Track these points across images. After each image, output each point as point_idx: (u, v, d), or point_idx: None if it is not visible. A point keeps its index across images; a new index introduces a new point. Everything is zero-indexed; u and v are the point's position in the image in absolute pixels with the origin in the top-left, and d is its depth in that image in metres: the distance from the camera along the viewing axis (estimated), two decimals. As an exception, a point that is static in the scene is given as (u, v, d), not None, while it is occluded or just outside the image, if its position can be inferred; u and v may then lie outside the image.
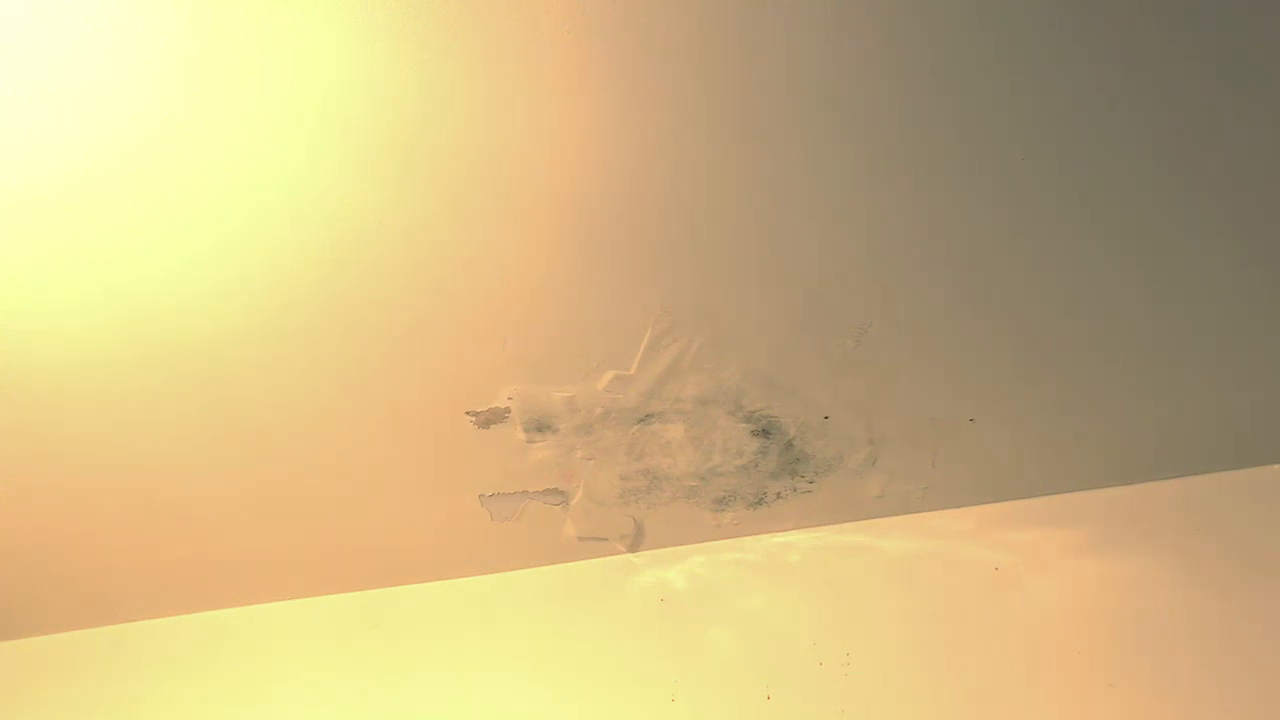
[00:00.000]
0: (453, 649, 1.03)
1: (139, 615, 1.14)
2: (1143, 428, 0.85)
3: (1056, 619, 0.86)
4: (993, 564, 0.90)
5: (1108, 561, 0.87)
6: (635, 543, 1.01)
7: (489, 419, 0.85)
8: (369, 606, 1.08)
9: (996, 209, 0.67)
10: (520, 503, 0.95)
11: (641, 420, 0.85)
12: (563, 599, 1.02)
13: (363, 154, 0.64)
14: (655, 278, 0.73)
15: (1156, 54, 0.58)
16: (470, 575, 1.06)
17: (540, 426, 0.86)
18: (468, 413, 0.85)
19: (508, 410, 0.84)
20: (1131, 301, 0.74)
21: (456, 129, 0.62)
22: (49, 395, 0.84)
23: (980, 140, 0.63)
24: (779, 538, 0.98)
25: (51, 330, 0.78)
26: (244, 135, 0.63)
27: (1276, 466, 0.87)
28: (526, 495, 0.94)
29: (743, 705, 0.91)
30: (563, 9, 0.56)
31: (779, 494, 0.93)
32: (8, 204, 0.67)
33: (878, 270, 0.72)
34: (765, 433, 0.86)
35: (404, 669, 1.03)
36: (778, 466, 0.90)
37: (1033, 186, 0.65)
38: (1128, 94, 0.60)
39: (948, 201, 0.67)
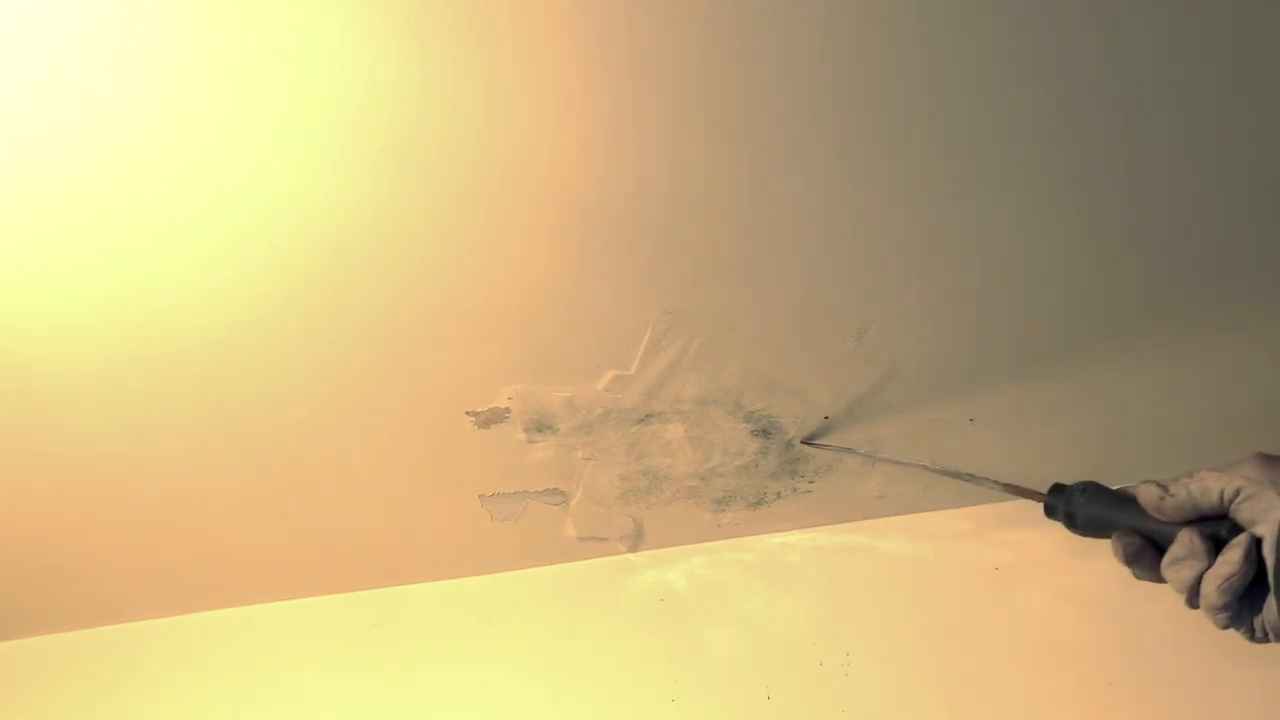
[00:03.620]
0: (452, 649, 1.03)
1: (139, 615, 1.14)
2: (1142, 428, 0.85)
3: (1056, 619, 0.86)
4: (993, 564, 0.90)
5: (1108, 561, 0.87)
6: (635, 543, 1.01)
7: (489, 419, 0.85)
8: (368, 606, 1.08)
9: (997, 209, 0.67)
10: (520, 503, 0.95)
11: (641, 420, 0.85)
12: (563, 599, 1.02)
13: (363, 154, 0.64)
14: (655, 278, 0.73)
15: (1156, 50, 0.58)
16: (470, 575, 1.06)
17: (540, 426, 0.86)
18: (468, 413, 0.85)
19: (508, 410, 0.84)
20: (1132, 301, 0.74)
21: (457, 128, 0.62)
22: (48, 395, 0.84)
23: (981, 140, 0.63)
24: (779, 538, 0.98)
25: (50, 330, 0.78)
26: (244, 135, 0.63)
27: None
28: (526, 495, 0.94)
29: (743, 705, 0.91)
30: (564, 9, 0.56)
31: (779, 494, 0.93)
32: (7, 204, 0.67)
33: (878, 270, 0.72)
34: (765, 433, 0.86)
35: (403, 669, 1.03)
36: (778, 466, 0.90)
37: (1033, 186, 0.65)
38: (1127, 92, 0.60)
39: (948, 201, 0.67)
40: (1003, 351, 0.78)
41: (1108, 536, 0.66)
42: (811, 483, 0.92)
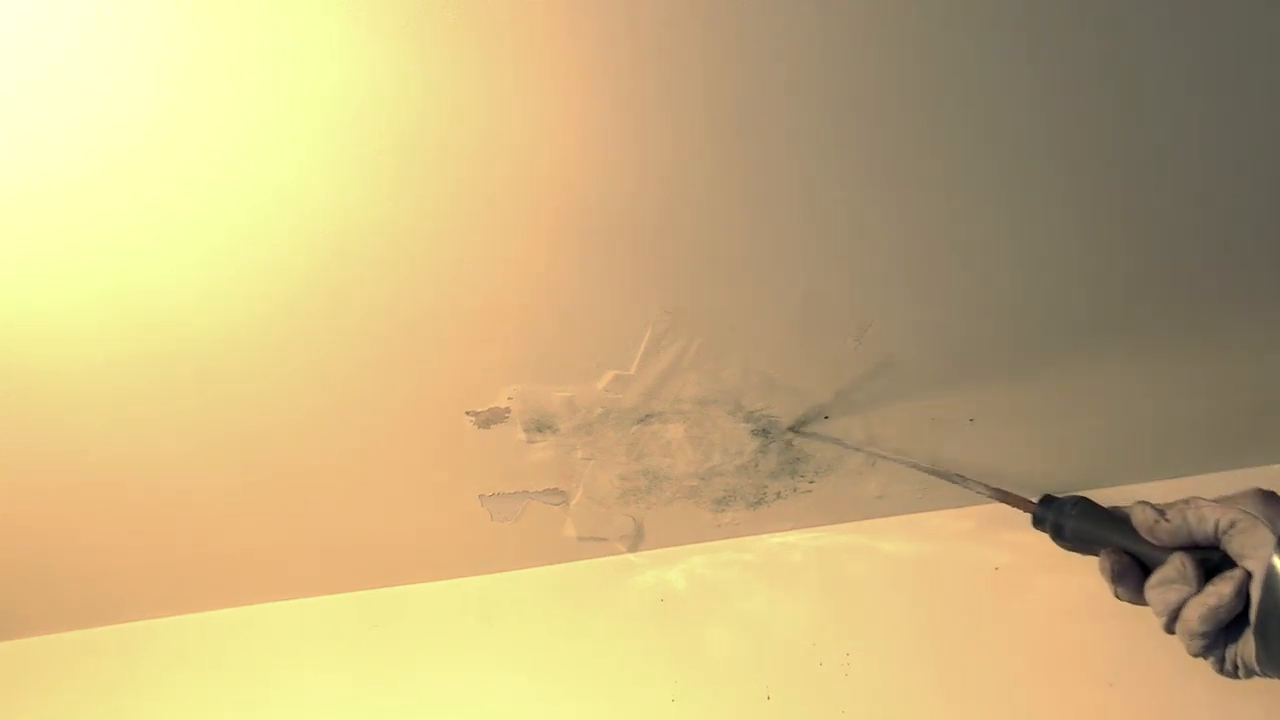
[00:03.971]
0: (452, 649, 1.03)
1: (139, 615, 1.14)
2: (1142, 427, 0.85)
3: (1056, 619, 0.86)
4: (993, 564, 0.90)
5: (1107, 561, 0.87)
6: (635, 543, 1.01)
7: (489, 419, 0.85)
8: (368, 606, 1.08)
9: (998, 209, 0.67)
10: (520, 503, 0.95)
11: (641, 420, 0.85)
12: (563, 599, 1.02)
13: (363, 154, 0.64)
14: (655, 278, 0.73)
15: (1156, 51, 0.58)
16: (470, 575, 1.06)
17: (540, 426, 0.86)
18: (468, 413, 0.85)
19: (508, 410, 0.84)
20: (1134, 301, 0.74)
21: (457, 128, 0.62)
22: (48, 395, 0.84)
23: (981, 139, 0.63)
24: (779, 538, 0.98)
25: (50, 330, 0.78)
26: (244, 135, 0.63)
27: (1276, 467, 0.87)
28: (526, 495, 0.94)
29: (743, 705, 0.91)
30: (564, 9, 0.56)
31: (779, 494, 0.93)
32: (7, 204, 0.67)
33: (878, 270, 0.72)
34: (765, 433, 0.86)
35: (403, 669, 1.03)
36: (778, 466, 0.90)
37: (1034, 185, 0.65)
38: (1127, 92, 0.60)
39: (949, 201, 0.67)
40: (1004, 352, 0.78)
41: (1093, 553, 0.67)
42: (811, 483, 0.92)
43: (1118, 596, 0.65)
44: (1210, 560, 0.60)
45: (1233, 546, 0.58)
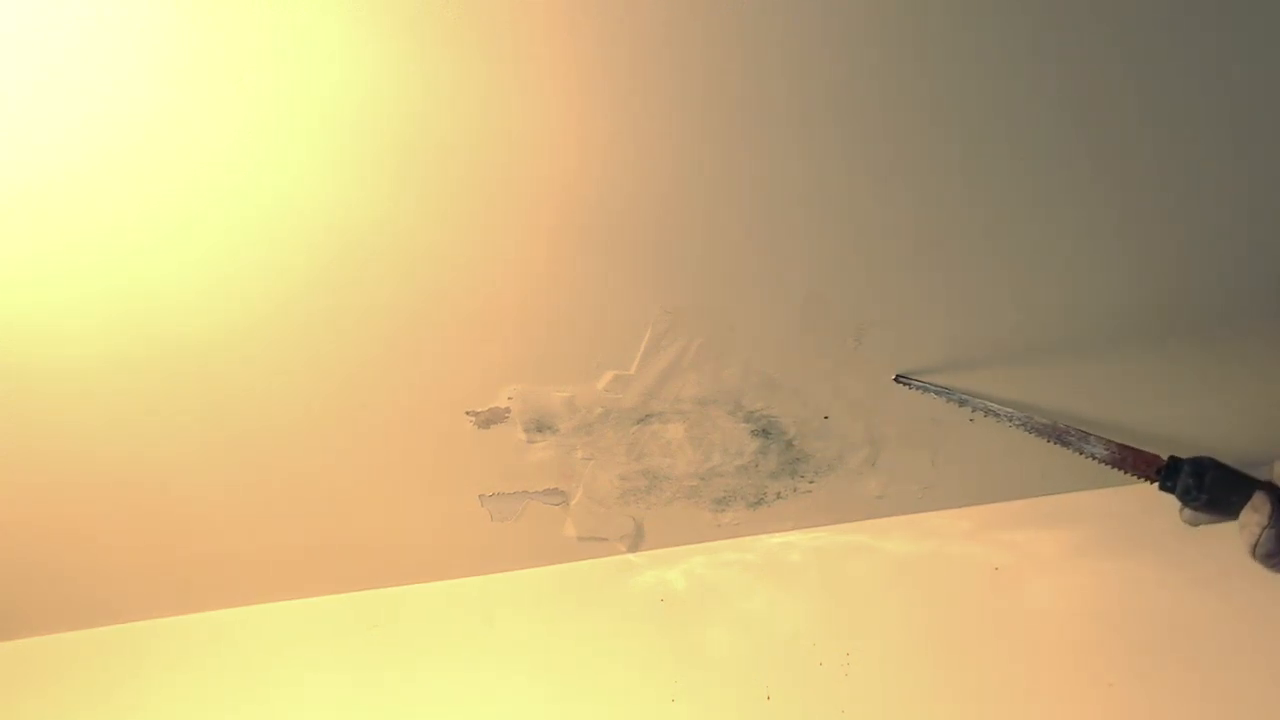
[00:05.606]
0: (452, 649, 1.03)
1: (139, 615, 1.14)
2: (1142, 428, 0.85)
3: (1056, 619, 0.86)
4: (993, 564, 0.90)
5: (1107, 561, 0.87)
6: (635, 543, 1.01)
7: (489, 419, 0.85)
8: (368, 606, 1.08)
9: (998, 209, 0.67)
10: (520, 503, 0.95)
11: (641, 420, 0.85)
12: (563, 599, 1.02)
13: (363, 153, 0.64)
14: (655, 278, 0.73)
15: (1161, 45, 0.58)
16: (470, 575, 1.06)
17: (540, 426, 0.86)
18: (468, 413, 0.85)
19: (508, 410, 0.84)
20: (1131, 301, 0.74)
21: (457, 128, 0.62)
22: (48, 395, 0.84)
23: (982, 139, 0.63)
24: (779, 538, 0.98)
25: (50, 330, 0.78)
26: (244, 135, 0.63)
27: (1276, 466, 0.87)
28: (526, 495, 0.94)
29: (743, 705, 0.91)
30: (564, 9, 0.56)
31: (779, 494, 0.93)
32: (7, 204, 0.67)
33: (878, 270, 0.72)
34: (765, 433, 0.86)
35: (403, 669, 1.03)
36: (778, 466, 0.90)
37: (1034, 185, 0.65)
38: (1132, 89, 0.60)
39: (949, 201, 0.67)
40: (1003, 352, 0.78)
41: (1223, 511, 0.66)
42: (811, 483, 0.92)
43: (1255, 547, 0.66)
44: None
45: None
